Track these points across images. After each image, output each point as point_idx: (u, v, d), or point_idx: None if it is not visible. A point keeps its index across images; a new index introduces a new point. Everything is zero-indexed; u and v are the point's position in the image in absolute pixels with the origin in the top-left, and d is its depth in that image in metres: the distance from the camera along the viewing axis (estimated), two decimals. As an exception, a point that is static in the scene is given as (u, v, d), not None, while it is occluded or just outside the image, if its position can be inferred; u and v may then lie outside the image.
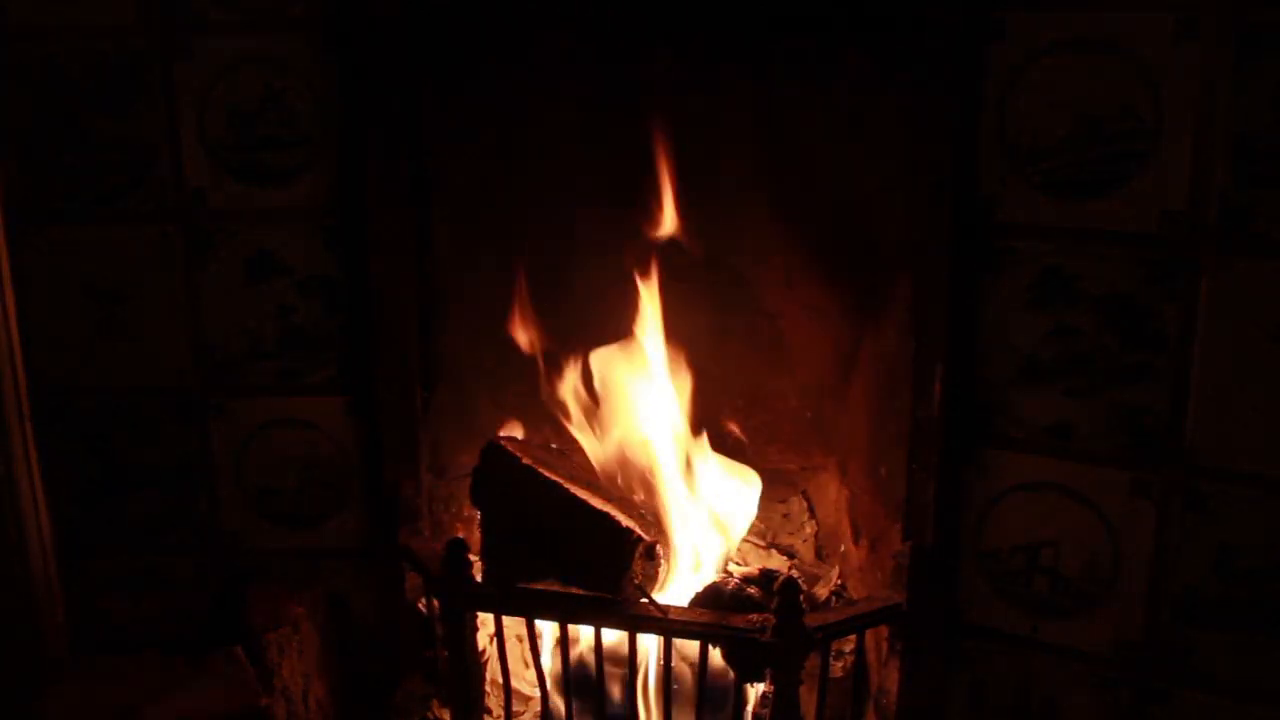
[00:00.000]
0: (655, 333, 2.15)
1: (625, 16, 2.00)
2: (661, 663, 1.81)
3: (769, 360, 2.32)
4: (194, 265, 1.99)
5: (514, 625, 2.00)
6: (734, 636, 1.75)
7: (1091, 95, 1.59)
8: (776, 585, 1.75)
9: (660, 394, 2.16)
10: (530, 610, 1.86)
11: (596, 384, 2.16)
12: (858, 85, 1.98)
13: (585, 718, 1.94)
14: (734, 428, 2.32)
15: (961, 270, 1.72)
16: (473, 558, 1.87)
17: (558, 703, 1.92)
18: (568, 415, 2.17)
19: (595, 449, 2.14)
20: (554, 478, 1.88)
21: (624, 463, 2.11)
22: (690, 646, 1.82)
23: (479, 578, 1.90)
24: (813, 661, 1.78)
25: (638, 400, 2.15)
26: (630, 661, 1.80)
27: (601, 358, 2.15)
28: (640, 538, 1.82)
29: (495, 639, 1.90)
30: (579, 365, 2.18)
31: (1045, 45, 1.61)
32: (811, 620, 1.72)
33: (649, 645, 1.90)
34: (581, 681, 1.92)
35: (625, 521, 1.82)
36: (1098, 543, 1.70)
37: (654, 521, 1.98)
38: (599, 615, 1.81)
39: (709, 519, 2.13)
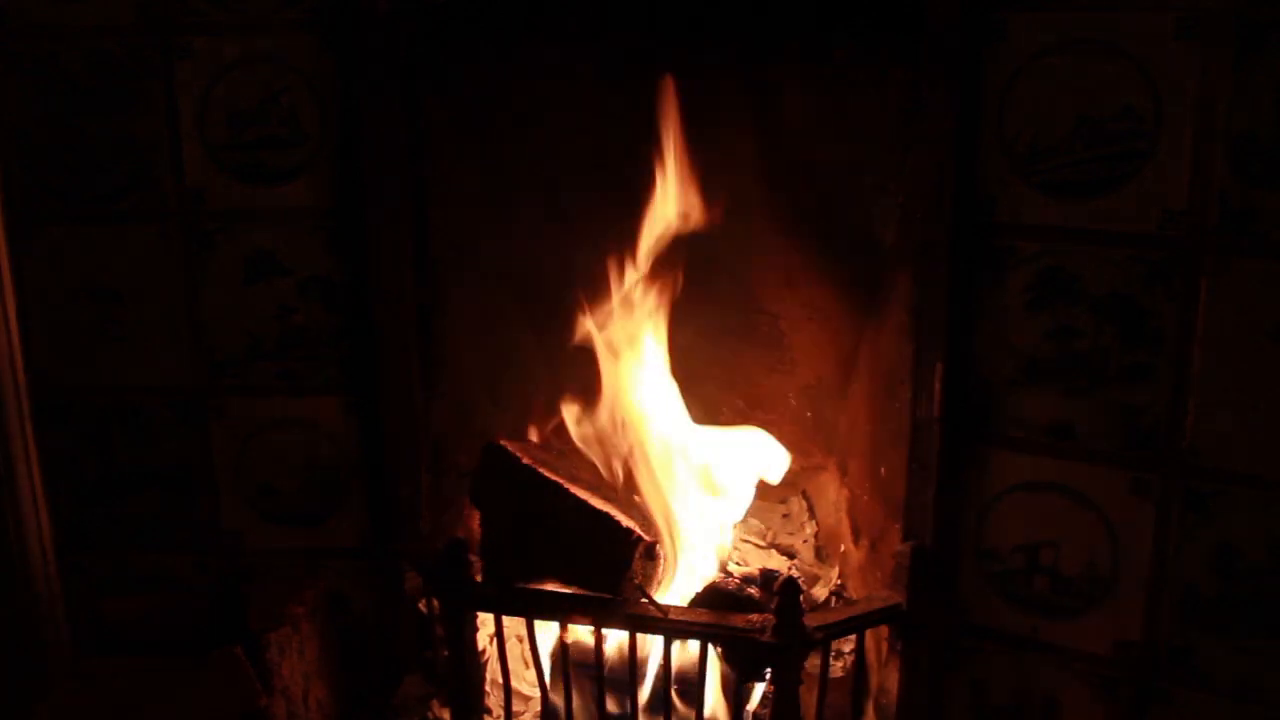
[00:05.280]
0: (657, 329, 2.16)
1: (624, 18, 2.00)
2: (662, 662, 1.81)
3: (769, 360, 2.33)
4: (194, 265, 1.99)
5: (514, 625, 2.00)
6: (734, 636, 1.75)
7: (1091, 95, 1.59)
8: (776, 585, 1.75)
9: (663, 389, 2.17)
10: (530, 610, 1.86)
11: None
12: (858, 85, 1.98)
13: (585, 717, 1.94)
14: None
15: (961, 270, 1.72)
16: (473, 558, 1.87)
17: (558, 702, 1.92)
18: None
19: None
20: (554, 478, 1.88)
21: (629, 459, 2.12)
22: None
23: (479, 578, 1.90)
24: (813, 661, 1.78)
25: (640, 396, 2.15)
26: (630, 661, 1.80)
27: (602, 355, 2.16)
28: (640, 537, 1.82)
29: (495, 639, 1.90)
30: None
31: (1045, 45, 1.61)
32: (811, 620, 1.73)
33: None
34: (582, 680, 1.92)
35: (625, 521, 1.82)
36: (1098, 543, 1.70)
37: (653, 521, 1.98)
38: (599, 615, 1.81)
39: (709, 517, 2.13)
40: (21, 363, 1.99)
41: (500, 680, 1.98)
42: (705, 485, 2.16)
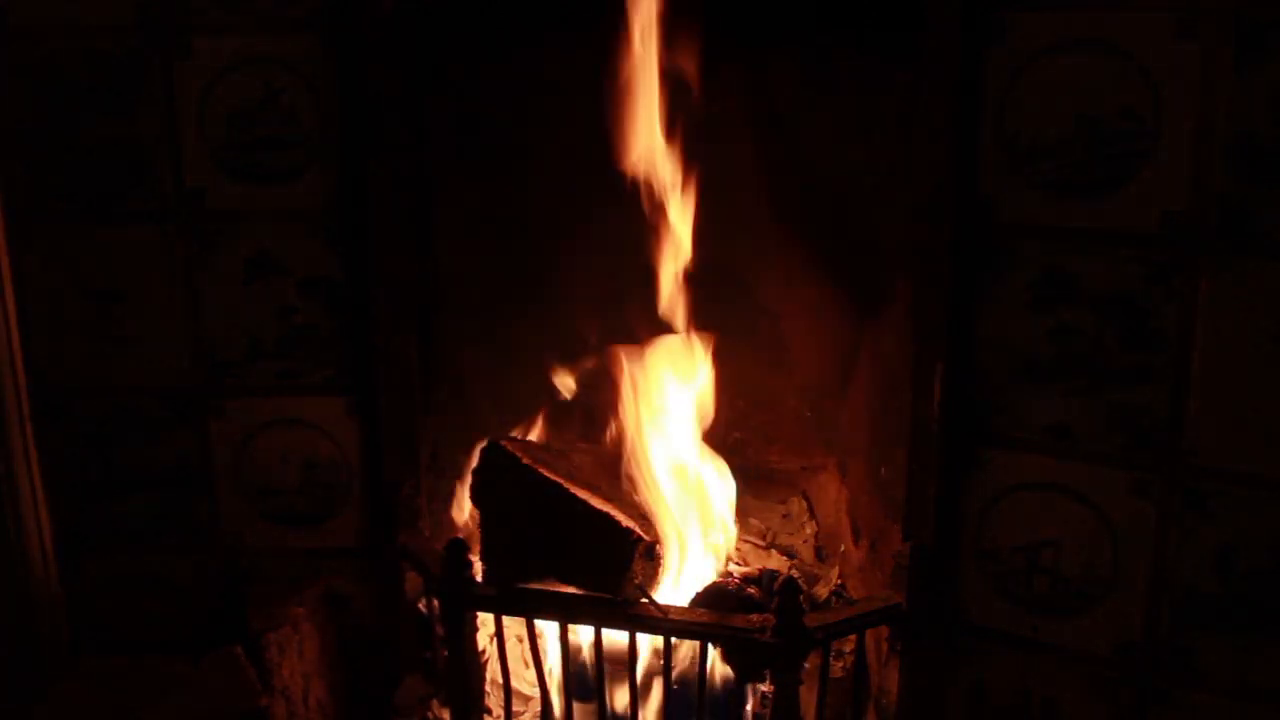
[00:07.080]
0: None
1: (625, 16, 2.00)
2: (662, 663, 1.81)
3: (769, 360, 2.33)
4: (194, 265, 1.99)
5: (514, 625, 2.00)
6: (734, 636, 1.75)
7: (1091, 95, 1.59)
8: (776, 585, 1.75)
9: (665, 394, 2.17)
10: (530, 610, 1.86)
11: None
12: (858, 85, 1.98)
13: (586, 718, 1.94)
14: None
15: (961, 270, 1.72)
16: (473, 558, 1.87)
17: (557, 702, 1.92)
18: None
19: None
20: (554, 477, 1.88)
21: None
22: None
23: (479, 578, 1.90)
24: (813, 661, 1.78)
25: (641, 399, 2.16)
26: (630, 661, 1.80)
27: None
28: (640, 538, 1.82)
29: (495, 639, 1.90)
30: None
31: (1045, 45, 1.61)
32: (811, 620, 1.73)
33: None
34: (582, 681, 1.92)
35: (626, 521, 1.82)
36: (1098, 543, 1.70)
37: (653, 521, 1.98)
38: (599, 615, 1.81)
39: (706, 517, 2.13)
40: (21, 363, 1.99)
41: (500, 680, 1.98)
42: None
